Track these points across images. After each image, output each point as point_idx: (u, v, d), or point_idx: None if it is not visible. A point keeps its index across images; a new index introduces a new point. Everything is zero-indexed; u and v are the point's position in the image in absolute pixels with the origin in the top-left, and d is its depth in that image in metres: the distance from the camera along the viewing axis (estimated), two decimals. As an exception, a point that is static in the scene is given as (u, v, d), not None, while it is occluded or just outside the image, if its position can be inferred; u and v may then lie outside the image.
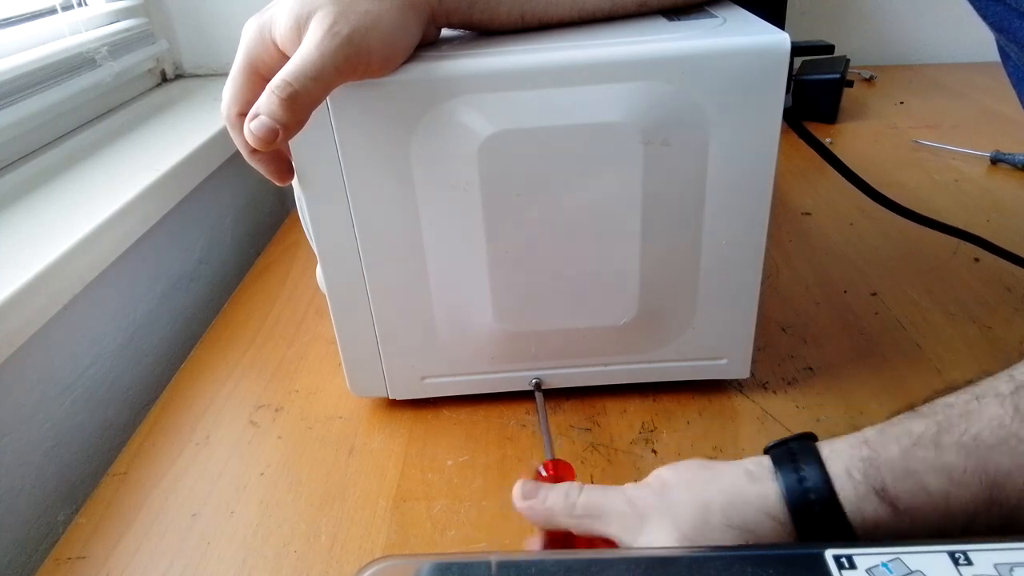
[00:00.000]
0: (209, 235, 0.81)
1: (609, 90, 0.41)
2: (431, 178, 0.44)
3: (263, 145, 0.37)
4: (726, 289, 0.48)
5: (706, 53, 0.41)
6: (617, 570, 0.29)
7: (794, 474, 0.30)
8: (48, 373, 0.55)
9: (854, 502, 0.29)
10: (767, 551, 0.29)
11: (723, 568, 0.28)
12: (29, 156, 0.70)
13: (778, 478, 0.31)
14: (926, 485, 0.28)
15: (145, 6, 0.94)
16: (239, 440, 0.53)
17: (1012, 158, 0.87)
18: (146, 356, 0.67)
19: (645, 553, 0.31)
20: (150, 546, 0.45)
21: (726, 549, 0.30)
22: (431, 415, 0.53)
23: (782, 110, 0.42)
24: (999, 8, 0.42)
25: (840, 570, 0.27)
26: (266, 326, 0.66)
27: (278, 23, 0.39)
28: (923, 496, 0.28)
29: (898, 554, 0.27)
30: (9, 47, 0.70)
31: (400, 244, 0.46)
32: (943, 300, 0.63)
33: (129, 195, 0.61)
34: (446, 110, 0.42)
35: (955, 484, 0.27)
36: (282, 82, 0.36)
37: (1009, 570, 0.26)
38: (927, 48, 1.31)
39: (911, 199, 0.80)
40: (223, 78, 0.42)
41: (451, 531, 0.44)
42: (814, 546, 0.28)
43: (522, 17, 0.45)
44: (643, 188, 0.44)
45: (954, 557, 0.27)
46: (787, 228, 0.77)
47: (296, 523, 0.45)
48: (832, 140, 1.00)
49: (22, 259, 0.51)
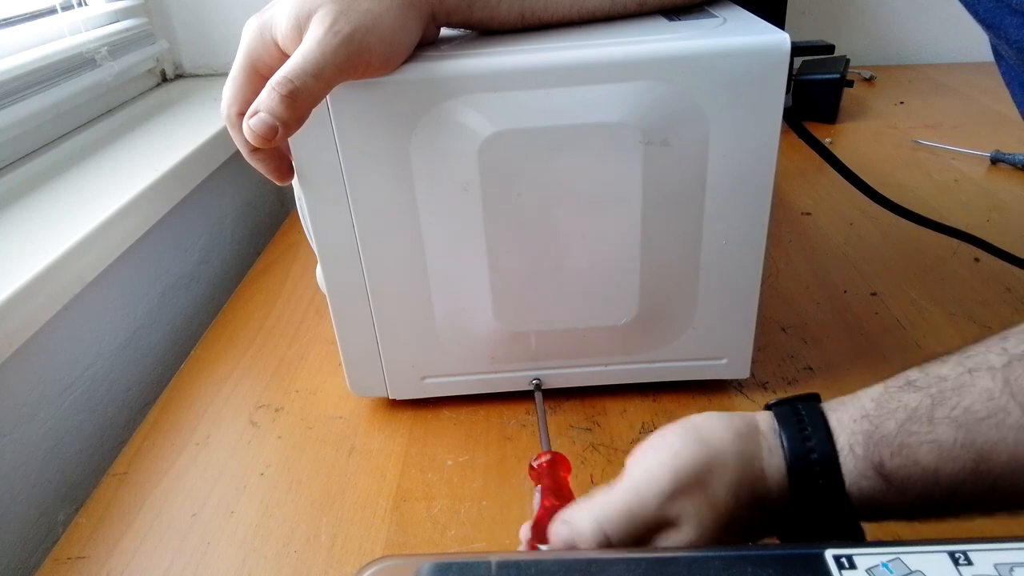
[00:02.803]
0: (209, 235, 0.81)
1: (609, 90, 0.42)
2: (431, 178, 0.44)
3: (263, 142, 0.37)
4: (726, 289, 0.48)
5: (706, 53, 0.41)
6: (617, 570, 0.29)
7: (801, 443, 0.31)
8: (48, 373, 0.55)
9: (853, 475, 0.30)
10: (767, 551, 0.29)
11: (723, 568, 0.28)
12: (29, 156, 0.70)
13: (787, 445, 0.31)
14: (919, 459, 0.29)
15: (145, 6, 0.94)
16: (239, 440, 0.53)
17: (1012, 158, 0.87)
18: (146, 356, 0.67)
19: (645, 553, 0.31)
20: (150, 546, 0.45)
21: (726, 549, 0.30)
22: (431, 415, 0.53)
23: (782, 110, 0.42)
24: (990, 4, 0.42)
25: (840, 570, 0.27)
26: (266, 326, 0.66)
27: (279, 22, 0.39)
28: (915, 470, 0.29)
29: (898, 554, 0.27)
30: (9, 47, 0.70)
31: (400, 244, 0.46)
32: (943, 300, 0.63)
33: (129, 195, 0.61)
34: (446, 110, 0.42)
35: (945, 457, 0.28)
36: (283, 79, 0.36)
37: (1009, 570, 0.26)
38: (927, 48, 1.31)
39: (911, 199, 0.80)
40: (223, 78, 0.42)
41: (451, 531, 0.44)
42: (814, 546, 0.28)
43: (522, 16, 0.45)
44: (643, 188, 0.44)
45: (954, 557, 0.27)
46: (787, 228, 0.77)
47: (296, 523, 0.45)
48: (832, 140, 1.00)
49: (22, 259, 0.51)
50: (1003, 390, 0.28)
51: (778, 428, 0.32)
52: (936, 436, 0.29)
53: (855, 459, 0.30)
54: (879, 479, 0.30)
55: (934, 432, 0.29)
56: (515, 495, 0.46)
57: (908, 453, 0.29)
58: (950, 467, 0.28)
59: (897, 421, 0.30)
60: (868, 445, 0.30)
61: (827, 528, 0.31)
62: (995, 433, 0.28)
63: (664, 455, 0.32)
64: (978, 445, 0.28)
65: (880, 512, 0.31)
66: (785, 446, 0.32)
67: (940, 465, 0.29)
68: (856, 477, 0.30)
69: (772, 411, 0.33)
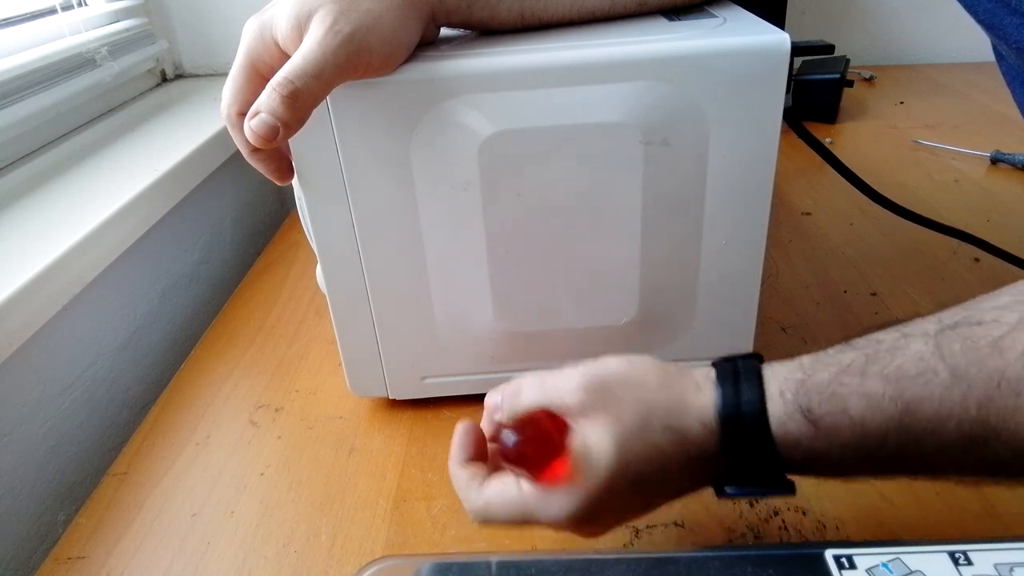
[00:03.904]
0: (209, 235, 0.81)
1: (609, 90, 0.42)
2: (431, 178, 0.44)
3: (264, 143, 0.37)
4: (726, 289, 0.48)
5: (706, 53, 0.41)
6: (617, 570, 0.29)
7: (733, 388, 0.32)
8: (48, 373, 0.55)
9: (781, 419, 0.31)
10: (767, 551, 0.29)
11: (723, 568, 0.28)
12: (29, 156, 0.70)
13: (718, 390, 0.33)
14: (847, 408, 0.30)
15: (145, 6, 0.94)
16: (239, 440, 0.53)
17: (1012, 158, 0.87)
18: (146, 356, 0.67)
19: (645, 553, 0.31)
20: (150, 546, 0.45)
21: (726, 549, 0.30)
22: (431, 415, 0.53)
23: (782, 110, 0.42)
24: (989, 4, 0.42)
25: (840, 570, 0.27)
26: (266, 326, 0.66)
27: (279, 22, 0.39)
28: (843, 418, 0.30)
29: (898, 554, 0.27)
30: (9, 47, 0.70)
31: (400, 244, 0.46)
32: (943, 300, 0.62)
33: (129, 195, 0.61)
34: (446, 110, 0.42)
35: (873, 408, 0.30)
36: (284, 79, 0.36)
37: (1009, 570, 0.26)
38: (927, 48, 1.31)
39: (911, 199, 0.80)
40: (223, 78, 0.42)
41: (451, 531, 0.44)
42: (815, 546, 0.28)
43: (522, 16, 0.45)
44: (643, 188, 0.44)
45: (954, 557, 0.27)
46: (787, 228, 0.77)
47: (296, 523, 0.45)
48: (832, 140, 1.00)
49: (22, 259, 0.51)
50: (934, 353, 0.29)
51: (712, 373, 0.34)
52: (867, 389, 0.30)
53: (784, 403, 0.31)
54: (806, 424, 0.31)
55: (864, 385, 0.30)
56: (515, 495, 0.46)
57: (837, 402, 0.30)
58: (877, 419, 0.30)
59: (830, 373, 0.31)
60: (799, 392, 0.31)
61: (754, 473, 0.32)
62: (923, 390, 0.29)
63: (597, 362, 0.35)
64: (906, 399, 0.29)
65: (808, 463, 0.32)
66: (714, 382, 0.33)
67: (868, 416, 0.30)
68: (783, 419, 0.31)
69: (715, 368, 0.35)
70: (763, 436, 0.31)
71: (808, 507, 0.43)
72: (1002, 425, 0.28)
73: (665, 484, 0.33)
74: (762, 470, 0.32)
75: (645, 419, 0.32)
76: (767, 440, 0.31)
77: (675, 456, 0.32)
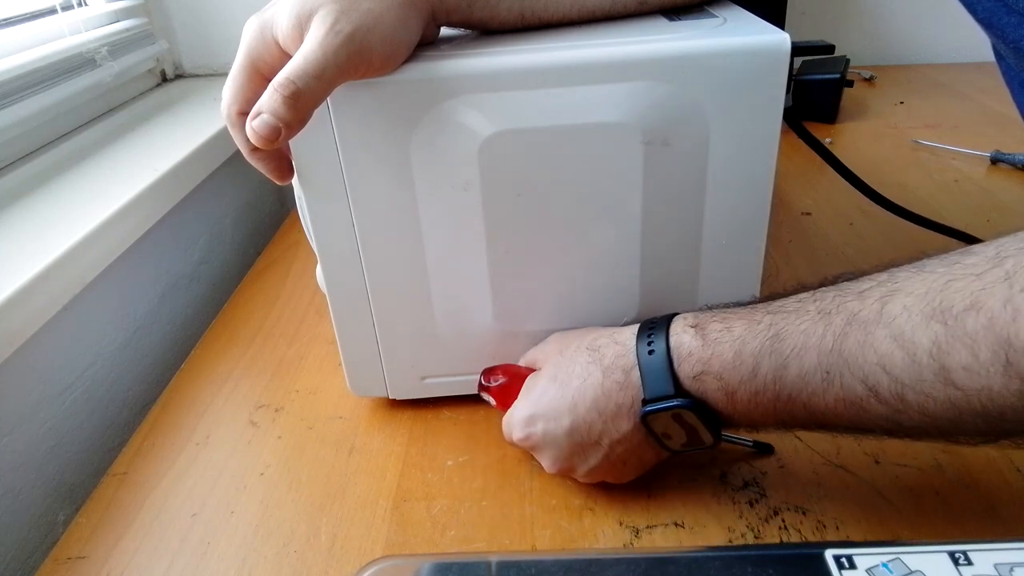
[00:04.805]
0: (209, 235, 0.81)
1: (609, 90, 0.42)
2: (431, 178, 0.44)
3: (265, 143, 0.37)
4: (726, 289, 0.48)
5: (706, 53, 0.41)
6: (617, 570, 0.29)
7: (648, 321, 0.41)
8: (48, 373, 0.55)
9: (677, 333, 0.39)
10: (767, 551, 0.29)
11: (723, 568, 0.28)
12: (29, 156, 0.70)
13: (635, 326, 0.42)
14: (731, 327, 0.37)
15: (145, 6, 0.94)
16: (239, 440, 0.53)
17: (1012, 158, 0.87)
18: (146, 356, 0.67)
19: (645, 553, 0.31)
20: (150, 546, 0.45)
21: (726, 549, 0.30)
22: (431, 415, 0.53)
23: (782, 110, 0.42)
24: (989, 4, 0.42)
25: (840, 570, 0.27)
26: (266, 326, 0.66)
27: (279, 22, 0.39)
28: (726, 335, 0.37)
29: (898, 554, 0.27)
30: (9, 47, 0.70)
31: (400, 244, 0.46)
32: (943, 300, 0.63)
33: (129, 195, 0.61)
34: (446, 110, 0.42)
35: (751, 331, 0.36)
36: (285, 80, 0.36)
37: (1009, 570, 0.26)
38: (927, 48, 1.31)
39: (911, 199, 0.80)
40: (223, 78, 0.42)
41: (451, 531, 0.44)
42: (815, 546, 0.28)
43: (522, 15, 0.45)
44: (643, 188, 0.44)
45: (954, 557, 0.27)
46: (787, 228, 0.77)
47: (296, 523, 0.45)
48: (832, 140, 1.00)
49: (22, 259, 0.51)
50: (811, 297, 0.36)
51: (635, 347, 0.41)
52: (750, 316, 0.37)
53: (682, 326, 0.39)
54: (697, 335, 0.38)
55: (749, 314, 0.37)
56: (515, 495, 0.46)
57: (725, 323, 0.38)
58: (753, 340, 0.36)
59: (726, 307, 0.40)
60: (697, 316, 0.40)
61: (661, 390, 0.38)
62: (792, 323, 0.35)
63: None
64: (778, 327, 0.36)
65: (704, 377, 0.37)
66: (626, 323, 0.43)
67: (747, 336, 0.36)
68: (679, 333, 0.39)
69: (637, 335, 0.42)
70: (664, 347, 0.39)
71: (808, 507, 0.43)
72: (852, 359, 0.32)
73: (584, 392, 0.41)
74: (668, 387, 0.38)
75: (569, 343, 0.44)
76: (666, 351, 0.38)
77: (594, 373, 0.41)
